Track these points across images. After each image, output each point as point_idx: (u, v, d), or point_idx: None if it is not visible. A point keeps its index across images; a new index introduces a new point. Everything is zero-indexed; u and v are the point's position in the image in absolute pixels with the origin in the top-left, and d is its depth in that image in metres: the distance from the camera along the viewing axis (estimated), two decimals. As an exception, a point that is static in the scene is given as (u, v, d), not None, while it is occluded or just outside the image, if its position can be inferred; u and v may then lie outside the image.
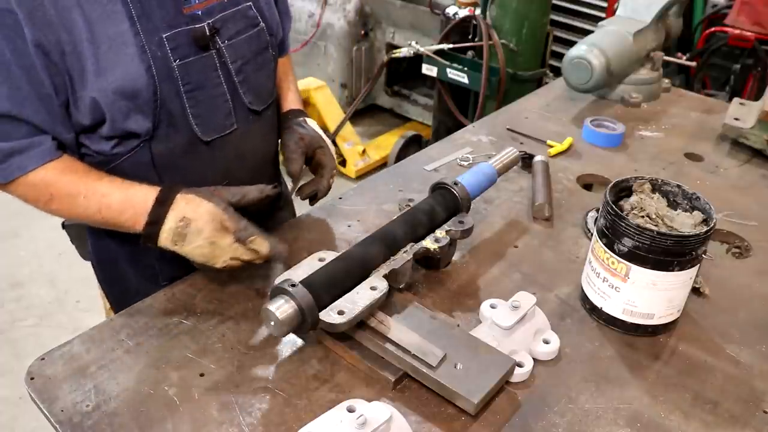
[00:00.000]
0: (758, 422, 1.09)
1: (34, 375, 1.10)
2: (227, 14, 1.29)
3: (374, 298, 1.12)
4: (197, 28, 1.23)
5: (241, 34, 1.32)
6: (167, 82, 1.21)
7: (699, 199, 1.25)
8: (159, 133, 1.25)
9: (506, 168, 1.56)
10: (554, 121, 2.11)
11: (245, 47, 1.33)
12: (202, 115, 1.29)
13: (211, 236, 1.17)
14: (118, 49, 1.15)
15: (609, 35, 2.18)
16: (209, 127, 1.31)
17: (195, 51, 1.24)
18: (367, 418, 0.93)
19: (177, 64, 1.21)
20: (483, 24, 3.39)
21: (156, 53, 1.19)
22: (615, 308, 1.23)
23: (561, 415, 1.08)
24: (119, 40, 1.15)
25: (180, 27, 1.21)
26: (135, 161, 1.27)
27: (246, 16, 1.33)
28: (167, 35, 1.20)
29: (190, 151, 1.31)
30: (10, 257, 3.40)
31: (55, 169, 1.19)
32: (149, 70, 1.18)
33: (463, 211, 1.40)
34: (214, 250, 1.18)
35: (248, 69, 1.35)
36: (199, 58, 1.25)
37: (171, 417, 1.03)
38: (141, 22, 1.17)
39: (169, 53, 1.20)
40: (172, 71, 1.21)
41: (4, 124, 1.14)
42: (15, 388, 2.59)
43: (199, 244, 1.17)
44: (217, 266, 1.20)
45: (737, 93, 3.50)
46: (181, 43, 1.22)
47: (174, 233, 1.17)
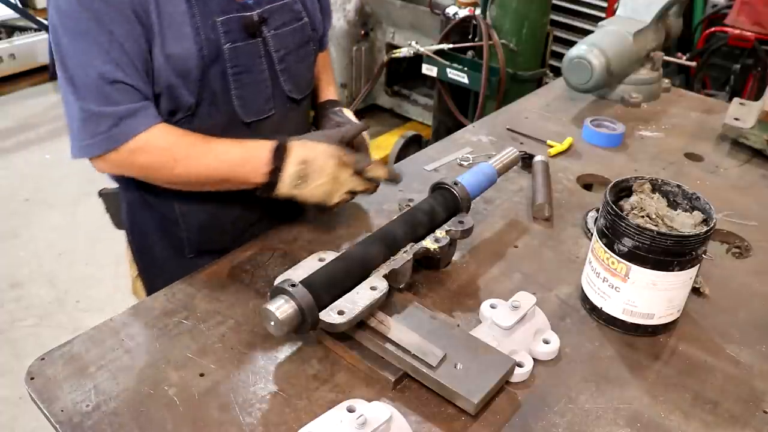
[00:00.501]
0: (758, 422, 1.09)
1: (34, 375, 1.10)
2: (275, 6, 1.38)
3: (374, 298, 1.12)
4: (247, 16, 1.32)
5: (287, 26, 1.41)
6: (216, 64, 1.30)
7: (699, 199, 1.25)
8: (201, 110, 1.33)
9: (506, 168, 1.56)
10: (554, 121, 2.11)
11: (289, 38, 1.41)
12: (245, 97, 1.37)
13: (333, 171, 1.29)
14: (176, 27, 1.24)
15: (609, 35, 2.18)
16: (250, 109, 1.39)
17: (244, 37, 1.32)
18: (367, 418, 0.93)
19: (227, 47, 1.30)
20: (483, 24, 3.39)
21: (209, 35, 1.27)
22: (615, 308, 1.23)
23: (561, 415, 1.08)
24: (178, 19, 1.24)
25: (232, 13, 1.30)
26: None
27: (292, 10, 1.42)
28: (220, 20, 1.28)
29: (229, 130, 1.36)
30: (10, 257, 3.40)
31: (168, 134, 1.27)
32: (200, 50, 1.26)
33: (463, 211, 1.40)
34: (335, 184, 1.30)
35: (290, 59, 1.43)
36: (247, 44, 1.33)
37: (171, 417, 1.03)
38: (198, 5, 1.25)
39: (221, 36, 1.29)
40: (222, 53, 1.30)
41: (113, 89, 1.21)
42: (15, 388, 2.59)
43: (322, 181, 1.28)
44: (334, 201, 1.33)
45: (737, 93, 3.50)
46: (232, 29, 1.30)
47: (296, 177, 1.27)
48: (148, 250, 1.54)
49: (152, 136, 1.25)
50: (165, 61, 1.24)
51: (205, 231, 1.48)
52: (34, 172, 4.15)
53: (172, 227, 1.48)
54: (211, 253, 1.46)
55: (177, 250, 1.51)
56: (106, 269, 3.29)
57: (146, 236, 1.53)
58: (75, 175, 4.04)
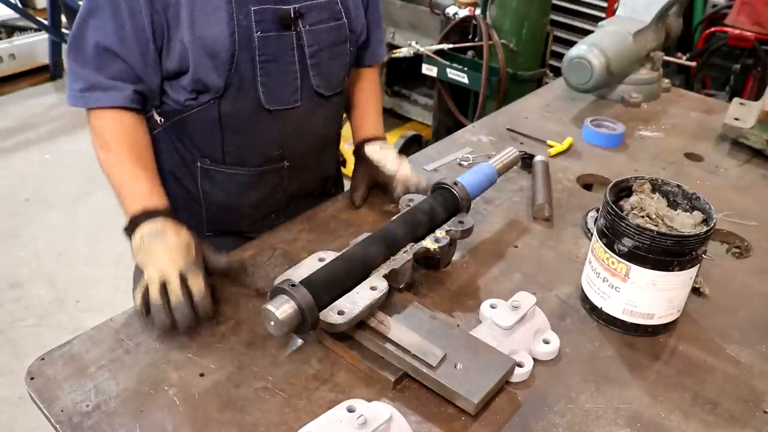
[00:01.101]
0: (758, 422, 1.09)
1: (34, 375, 1.10)
2: (313, 3, 1.41)
3: (374, 298, 1.12)
4: (284, 9, 1.36)
5: (323, 23, 1.43)
6: (246, 50, 1.34)
7: (699, 199, 1.25)
8: (229, 93, 1.38)
9: (506, 168, 1.56)
10: (554, 121, 2.11)
11: (324, 35, 1.44)
12: (270, 85, 1.40)
13: (171, 243, 1.20)
14: (210, 10, 1.29)
15: (609, 35, 2.18)
16: (274, 98, 1.42)
17: (277, 28, 1.36)
18: (367, 418, 0.93)
19: (258, 35, 1.34)
20: (483, 24, 3.39)
21: (242, 22, 1.32)
22: (615, 308, 1.23)
23: (561, 415, 1.08)
24: (213, 3, 1.30)
25: (268, 4, 1.34)
26: (203, 115, 1.41)
27: (331, 10, 1.45)
28: (255, 9, 1.33)
29: (253, 116, 1.42)
30: (9, 257, 3.40)
31: (128, 121, 1.35)
32: (232, 35, 1.31)
33: (463, 211, 1.40)
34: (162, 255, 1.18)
35: (323, 55, 1.45)
36: (279, 35, 1.37)
37: (171, 417, 1.03)
38: None
39: (254, 25, 1.33)
40: (252, 41, 1.34)
41: (103, 56, 1.30)
42: (15, 388, 2.59)
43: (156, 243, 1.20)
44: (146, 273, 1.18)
45: (737, 93, 3.50)
46: (266, 19, 1.34)
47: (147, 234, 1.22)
48: None
49: (118, 114, 1.34)
50: (194, 42, 1.30)
51: (224, 211, 1.55)
52: (34, 172, 4.15)
53: (193, 203, 1.54)
54: (227, 234, 1.56)
55: (196, 227, 1.49)
56: (106, 269, 3.29)
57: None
58: (75, 175, 4.04)
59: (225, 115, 1.41)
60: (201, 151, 1.48)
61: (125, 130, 1.35)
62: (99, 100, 1.33)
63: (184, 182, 1.52)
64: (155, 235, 1.21)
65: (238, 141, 1.46)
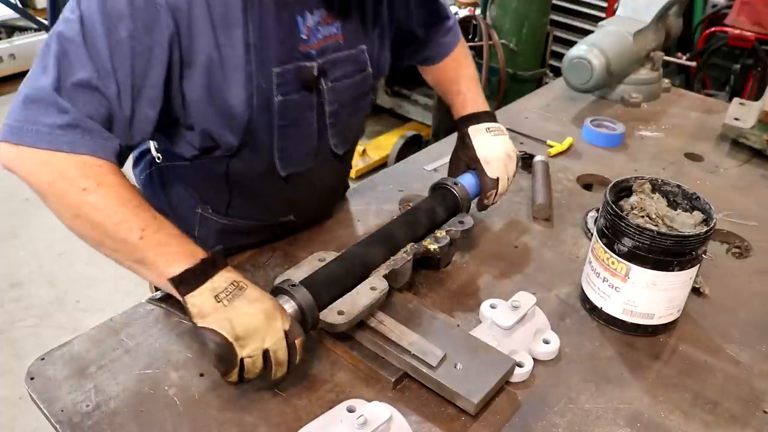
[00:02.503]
0: (758, 422, 1.09)
1: (34, 375, 1.09)
2: (340, 56, 1.25)
3: (374, 298, 1.12)
4: (307, 68, 1.19)
5: (347, 78, 1.28)
6: (263, 114, 1.18)
7: (699, 199, 1.25)
8: (241, 154, 1.22)
9: (506, 168, 1.56)
10: (554, 121, 2.11)
11: (345, 92, 1.29)
12: (287, 150, 1.26)
13: (267, 308, 1.00)
14: (228, 70, 1.11)
15: (609, 35, 2.18)
16: (289, 162, 1.28)
17: (298, 89, 1.20)
18: (367, 418, 0.93)
19: (278, 99, 1.18)
20: (483, 24, 3.39)
21: (261, 84, 1.15)
22: (615, 308, 1.23)
23: (561, 415, 1.08)
24: (231, 63, 1.11)
25: (291, 63, 1.17)
26: (210, 167, 1.25)
27: (357, 61, 1.29)
28: (277, 70, 1.15)
29: (264, 178, 1.29)
30: (9, 257, 3.39)
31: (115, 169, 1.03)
32: (250, 98, 1.14)
33: (463, 211, 1.40)
34: (264, 324, 0.99)
35: (343, 113, 1.31)
36: (301, 96, 1.21)
37: (171, 417, 1.03)
38: (255, 51, 1.12)
39: (274, 88, 1.16)
40: (272, 105, 1.18)
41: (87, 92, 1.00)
42: (15, 388, 2.59)
43: (252, 311, 0.99)
44: (247, 350, 0.98)
45: (737, 93, 3.50)
46: (287, 80, 1.17)
47: (222, 289, 1.00)
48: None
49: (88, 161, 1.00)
50: (207, 98, 1.12)
51: (221, 236, 1.35)
52: (34, 172, 4.14)
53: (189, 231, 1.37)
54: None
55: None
56: (106, 269, 3.29)
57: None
58: (75, 175, 4.04)
59: (233, 172, 1.26)
60: (203, 199, 1.34)
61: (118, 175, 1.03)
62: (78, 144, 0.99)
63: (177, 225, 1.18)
64: (233, 291, 1.00)
65: (246, 198, 1.32)
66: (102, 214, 0.99)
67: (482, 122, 1.47)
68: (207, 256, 1.01)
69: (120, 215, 0.99)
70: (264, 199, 1.35)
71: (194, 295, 0.98)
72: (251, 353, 0.98)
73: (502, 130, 1.48)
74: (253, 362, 0.99)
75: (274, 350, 1.00)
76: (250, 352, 0.98)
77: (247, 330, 0.98)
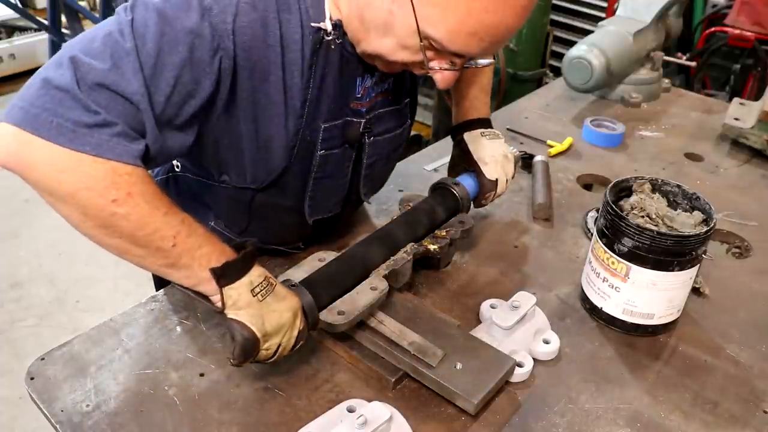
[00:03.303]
0: (758, 422, 1.09)
1: (34, 375, 1.09)
2: (385, 111, 1.23)
3: (374, 298, 1.12)
4: (354, 124, 1.17)
5: (389, 133, 1.26)
6: (302, 163, 1.15)
7: (699, 199, 1.25)
8: (270, 191, 1.19)
9: (506, 168, 1.56)
10: (554, 121, 2.11)
11: (386, 145, 1.28)
12: (317, 199, 1.24)
13: (295, 308, 1.04)
14: (276, 116, 1.07)
15: (609, 35, 2.18)
16: (317, 210, 1.27)
17: (341, 144, 1.18)
18: (367, 418, 0.93)
19: (321, 153, 1.15)
20: (483, 24, 3.39)
21: (306, 137, 1.12)
22: (615, 308, 1.23)
23: (561, 415, 1.08)
24: (280, 110, 1.06)
25: (340, 119, 1.15)
26: (234, 194, 1.21)
27: (401, 114, 1.28)
28: (326, 125, 1.12)
29: (288, 216, 1.27)
30: (10, 257, 3.40)
31: (141, 171, 0.93)
32: (291, 149, 1.11)
33: (463, 211, 1.40)
34: (290, 322, 1.02)
35: (378, 165, 1.30)
36: (342, 150, 1.19)
37: (171, 417, 1.03)
38: (310, 107, 1.09)
39: (319, 143, 1.14)
40: (314, 158, 1.15)
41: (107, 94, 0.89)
42: (15, 388, 2.59)
43: (281, 309, 1.01)
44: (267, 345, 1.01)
45: (737, 93, 3.50)
46: (333, 135, 1.15)
47: (257, 284, 1.01)
48: None
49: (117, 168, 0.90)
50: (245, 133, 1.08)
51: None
52: (34, 172, 4.14)
53: None
54: None
55: None
56: (106, 269, 3.29)
57: None
58: (75, 175, 4.04)
59: (258, 205, 1.23)
60: (217, 215, 1.31)
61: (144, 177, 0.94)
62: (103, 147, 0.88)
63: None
64: (267, 288, 1.01)
65: (264, 226, 1.29)
66: (132, 225, 0.92)
67: (477, 128, 1.48)
68: (247, 250, 1.01)
69: (151, 225, 0.93)
70: (283, 231, 1.34)
71: (233, 287, 0.99)
72: (269, 347, 1.02)
73: (497, 134, 1.50)
74: (267, 354, 1.02)
75: (285, 346, 1.04)
76: (269, 346, 1.02)
77: (275, 328, 1.01)
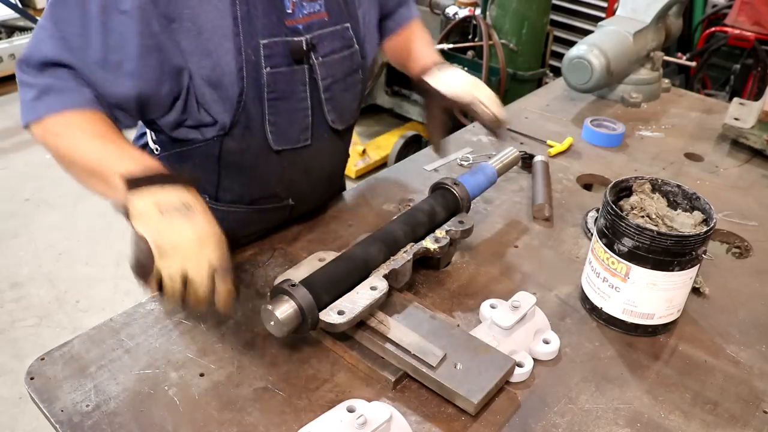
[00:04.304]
0: (758, 422, 1.09)
1: (34, 375, 1.09)
2: (326, 32, 1.29)
3: (374, 298, 1.12)
4: (295, 41, 1.23)
5: (336, 53, 1.32)
6: (253, 86, 1.22)
7: (699, 199, 1.25)
8: (234, 131, 1.26)
9: (506, 168, 1.56)
10: (554, 121, 2.11)
11: (337, 66, 1.33)
12: (279, 124, 1.28)
13: (204, 235, 1.02)
14: (218, 40, 1.16)
15: (609, 35, 2.18)
16: (282, 137, 1.30)
17: (288, 62, 1.24)
18: (367, 418, 0.93)
19: (267, 71, 1.22)
20: (483, 24, 3.39)
21: (250, 57, 1.19)
22: (615, 308, 1.23)
23: (561, 415, 1.08)
24: (220, 32, 1.16)
25: (279, 37, 1.22)
26: (204, 151, 1.29)
27: (343, 37, 1.34)
28: (265, 42, 1.20)
29: (259, 156, 1.31)
30: (9, 257, 3.40)
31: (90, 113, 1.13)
32: (240, 71, 1.19)
33: (463, 211, 1.40)
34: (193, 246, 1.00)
35: (336, 88, 1.35)
36: (291, 70, 1.25)
37: (171, 417, 1.03)
38: (243, 24, 1.17)
39: (263, 60, 1.21)
40: (261, 77, 1.22)
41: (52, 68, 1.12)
42: (15, 388, 2.59)
43: (185, 228, 1.01)
44: (166, 266, 1.00)
45: (737, 93, 3.51)
46: (276, 53, 1.22)
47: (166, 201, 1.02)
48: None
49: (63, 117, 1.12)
50: (199, 71, 1.18)
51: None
52: (34, 172, 4.14)
53: None
54: None
55: None
56: (106, 269, 3.29)
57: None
58: (75, 175, 4.04)
59: (227, 153, 1.29)
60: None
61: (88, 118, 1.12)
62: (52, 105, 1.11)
63: None
64: (179, 208, 1.01)
65: (237, 180, 1.35)
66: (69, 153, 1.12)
67: (432, 69, 1.48)
68: (165, 172, 1.06)
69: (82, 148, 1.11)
70: (257, 178, 1.35)
71: (139, 197, 1.02)
72: (170, 272, 1.00)
73: (452, 66, 1.50)
74: (171, 283, 1.01)
75: (193, 277, 1.01)
76: (169, 272, 1.00)
77: (172, 245, 0.99)
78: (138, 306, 1.25)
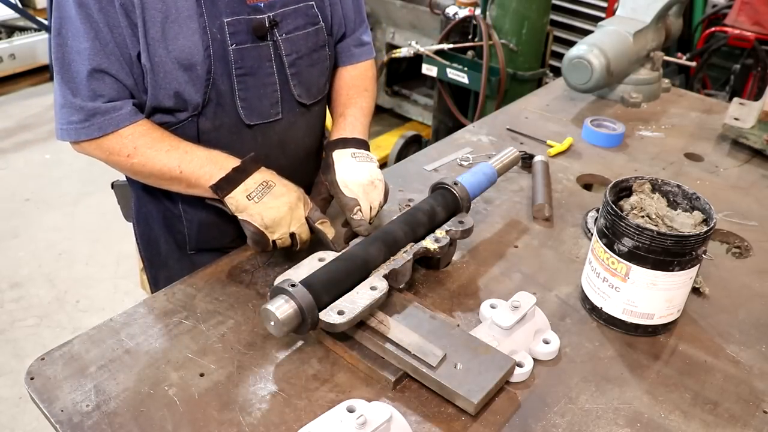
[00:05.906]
0: (758, 422, 1.09)
1: (34, 375, 1.09)
2: (288, 10, 1.36)
3: (374, 298, 1.12)
4: (257, 19, 1.30)
5: (300, 30, 1.38)
6: (221, 64, 1.29)
7: (699, 199, 1.25)
8: (207, 110, 1.33)
9: (506, 168, 1.56)
10: (554, 121, 2.11)
11: (301, 42, 1.39)
12: (249, 99, 1.35)
13: (291, 201, 1.28)
14: (182, 22, 1.23)
15: (609, 35, 2.18)
16: (254, 112, 1.37)
17: (252, 39, 1.31)
18: (367, 418, 0.93)
19: (233, 48, 1.29)
20: (483, 24, 3.39)
21: (216, 35, 1.27)
22: (615, 308, 1.23)
23: (561, 415, 1.08)
24: (185, 14, 1.23)
25: (241, 15, 1.29)
26: (181, 133, 1.33)
27: (306, 14, 1.39)
28: (228, 20, 1.27)
29: (234, 132, 1.38)
30: (9, 257, 3.40)
31: (140, 126, 1.27)
32: (207, 49, 1.26)
33: (463, 211, 1.40)
34: (288, 214, 1.27)
35: (302, 63, 1.40)
36: (255, 46, 1.32)
37: (171, 417, 1.03)
38: (206, 4, 1.25)
39: (228, 37, 1.28)
40: (228, 54, 1.29)
41: (94, 80, 1.22)
42: (15, 388, 2.59)
43: (277, 205, 1.26)
44: (277, 234, 1.27)
45: (737, 93, 3.50)
46: (240, 30, 1.29)
47: (253, 189, 1.26)
48: (154, 243, 1.56)
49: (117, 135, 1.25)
50: (169, 57, 1.24)
51: (206, 228, 1.48)
52: (34, 172, 4.15)
53: (175, 222, 1.49)
54: (211, 251, 1.50)
55: (179, 246, 1.53)
56: (106, 269, 3.29)
57: (152, 229, 1.54)
58: (75, 175, 4.04)
59: (204, 132, 1.35)
60: None
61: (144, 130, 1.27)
62: (102, 127, 1.24)
63: (163, 202, 1.47)
64: (263, 190, 1.26)
65: None
66: (148, 168, 1.28)
67: (349, 147, 1.41)
68: (238, 165, 1.27)
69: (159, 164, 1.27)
70: (234, 155, 1.32)
71: (231, 197, 1.26)
72: (280, 237, 1.28)
73: (370, 157, 1.41)
74: (282, 242, 1.29)
75: (299, 233, 1.29)
76: (279, 236, 1.28)
77: (273, 220, 1.26)
78: (138, 306, 1.25)
